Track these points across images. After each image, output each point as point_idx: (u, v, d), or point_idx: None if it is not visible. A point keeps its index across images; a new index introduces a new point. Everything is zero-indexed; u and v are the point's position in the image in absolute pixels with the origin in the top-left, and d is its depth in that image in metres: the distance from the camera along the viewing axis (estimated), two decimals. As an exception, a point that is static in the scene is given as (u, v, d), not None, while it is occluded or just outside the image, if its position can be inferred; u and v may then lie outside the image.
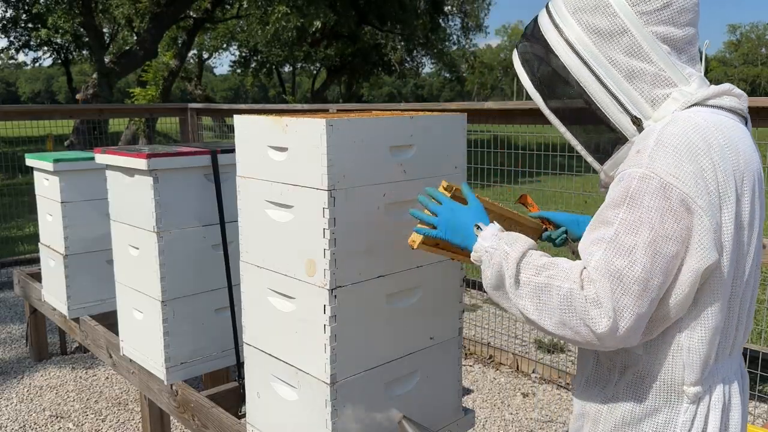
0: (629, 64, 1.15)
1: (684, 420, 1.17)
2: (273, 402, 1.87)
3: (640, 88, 1.16)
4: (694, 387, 1.15)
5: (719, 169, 1.08)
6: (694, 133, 1.09)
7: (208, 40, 24.59)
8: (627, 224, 1.08)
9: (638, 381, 1.20)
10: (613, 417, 1.23)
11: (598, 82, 1.17)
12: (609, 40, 1.16)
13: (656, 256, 1.06)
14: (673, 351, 1.16)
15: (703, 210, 1.06)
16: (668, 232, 1.06)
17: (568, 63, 1.18)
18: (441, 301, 1.94)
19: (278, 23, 15.27)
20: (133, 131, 14.47)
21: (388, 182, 1.72)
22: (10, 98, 74.31)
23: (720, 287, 1.11)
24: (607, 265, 1.08)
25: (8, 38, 21.87)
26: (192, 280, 2.52)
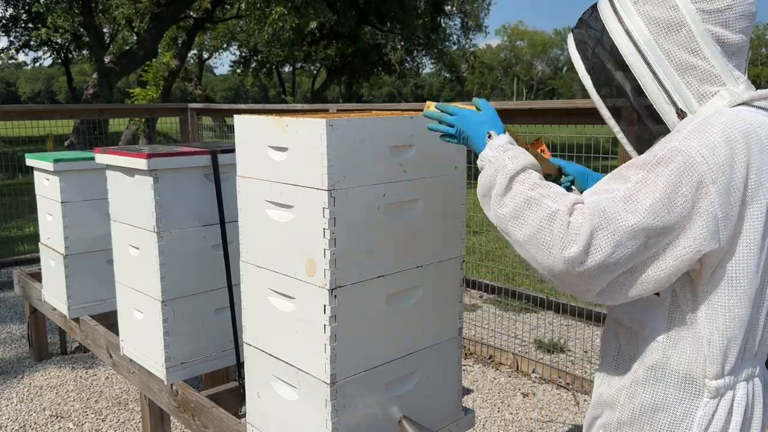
0: (682, 57, 1.17)
1: (702, 414, 1.16)
2: (273, 402, 1.87)
3: (689, 83, 1.17)
4: (716, 380, 1.15)
5: (754, 165, 1.09)
6: (734, 126, 1.10)
7: (208, 40, 24.59)
8: (641, 184, 1.10)
9: (659, 371, 1.20)
10: (632, 405, 1.23)
11: (650, 72, 1.18)
12: (666, 32, 1.17)
13: (652, 221, 1.08)
14: (695, 342, 1.16)
15: (716, 196, 1.07)
16: (674, 206, 1.08)
17: (624, 50, 1.20)
18: (441, 301, 1.94)
19: (275, 24, 15.27)
20: (133, 131, 14.47)
21: (388, 182, 1.72)
22: (10, 98, 74.27)
23: (743, 281, 1.12)
24: (604, 206, 1.10)
25: (8, 38, 21.87)
26: (192, 280, 2.53)
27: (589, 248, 1.08)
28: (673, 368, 1.18)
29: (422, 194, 1.81)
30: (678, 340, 1.17)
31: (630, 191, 1.10)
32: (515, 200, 1.18)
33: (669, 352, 1.18)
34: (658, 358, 1.20)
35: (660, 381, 1.20)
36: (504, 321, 4.29)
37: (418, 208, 1.82)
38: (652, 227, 1.08)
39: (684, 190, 1.07)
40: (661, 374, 1.19)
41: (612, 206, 1.10)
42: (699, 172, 1.07)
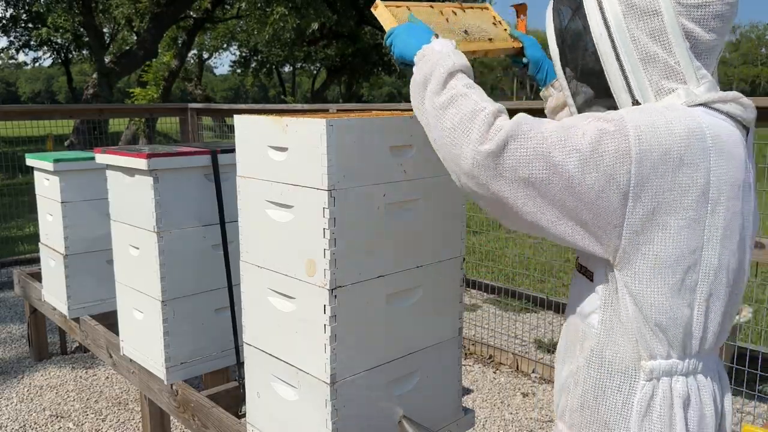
0: (649, 47, 1.15)
1: (640, 399, 1.17)
2: (273, 402, 1.87)
3: (650, 75, 1.16)
4: (649, 362, 1.15)
5: (687, 161, 1.07)
6: (681, 121, 1.09)
7: (208, 40, 24.59)
8: (573, 128, 1.11)
9: (596, 356, 1.21)
10: (578, 391, 1.24)
11: (614, 56, 1.17)
12: (639, 17, 1.15)
13: (565, 159, 1.09)
14: (627, 327, 1.16)
15: (634, 176, 1.06)
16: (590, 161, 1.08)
17: (594, 28, 1.19)
18: (441, 301, 1.94)
19: (276, 24, 15.28)
20: (133, 131, 14.48)
21: (388, 182, 1.72)
22: (10, 98, 74.26)
23: (664, 272, 1.10)
24: (531, 124, 1.12)
25: (8, 38, 21.87)
26: (192, 280, 2.53)
27: (503, 150, 1.11)
28: (609, 352, 1.19)
29: (422, 194, 1.81)
30: (612, 326, 1.18)
31: (560, 127, 1.12)
32: (451, 92, 1.21)
33: (603, 337, 1.19)
34: (595, 343, 1.20)
35: (599, 366, 1.20)
36: (504, 321, 4.29)
37: (418, 208, 1.81)
38: (563, 166, 1.09)
39: (606, 154, 1.07)
40: (598, 359, 1.20)
41: (538, 127, 1.12)
42: (627, 145, 1.06)
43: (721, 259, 1.12)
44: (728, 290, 1.15)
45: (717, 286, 1.13)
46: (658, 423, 1.15)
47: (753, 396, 3.20)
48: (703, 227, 1.09)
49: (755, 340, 4.02)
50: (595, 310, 1.20)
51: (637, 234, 1.09)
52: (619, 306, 1.16)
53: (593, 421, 1.22)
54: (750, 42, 76.57)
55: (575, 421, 1.26)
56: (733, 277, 1.15)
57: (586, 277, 1.23)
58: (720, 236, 1.11)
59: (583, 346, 1.23)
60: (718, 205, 1.10)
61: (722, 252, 1.12)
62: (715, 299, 1.14)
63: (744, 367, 3.06)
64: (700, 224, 1.09)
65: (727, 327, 1.19)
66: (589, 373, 1.22)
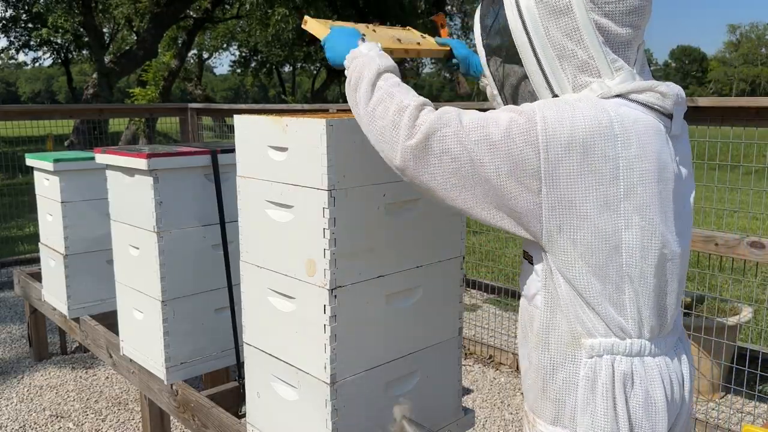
0: (563, 43, 1.19)
1: (584, 375, 1.21)
2: (273, 402, 1.87)
3: (566, 69, 1.20)
4: (590, 339, 1.20)
5: (592, 149, 1.12)
6: (587, 110, 1.14)
7: (208, 40, 24.59)
8: (490, 118, 1.18)
9: (543, 336, 1.25)
10: (532, 371, 1.29)
11: (532, 52, 1.22)
12: (552, 15, 1.19)
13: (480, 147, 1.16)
14: (567, 307, 1.21)
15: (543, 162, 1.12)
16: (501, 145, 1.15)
17: (512, 27, 1.23)
18: (441, 301, 1.94)
19: (278, 25, 15.29)
20: (133, 131, 14.48)
21: (388, 182, 1.72)
22: (10, 98, 74.27)
23: (587, 253, 1.15)
24: (452, 115, 1.19)
25: (8, 38, 21.87)
26: (192, 280, 2.53)
27: (426, 143, 1.19)
28: (553, 331, 1.24)
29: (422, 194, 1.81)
30: (553, 306, 1.23)
31: (480, 117, 1.19)
32: (378, 93, 1.29)
33: (547, 316, 1.24)
34: (540, 323, 1.26)
35: (546, 345, 1.25)
36: (504, 321, 4.30)
37: (418, 208, 1.82)
38: (478, 153, 1.16)
39: (515, 142, 1.14)
40: (545, 338, 1.25)
41: (458, 118, 1.19)
42: (534, 135, 1.13)
43: (644, 242, 1.15)
44: (659, 273, 1.18)
45: (645, 268, 1.17)
46: (602, 400, 1.19)
47: (753, 396, 3.21)
48: (618, 212, 1.13)
49: (755, 340, 4.02)
50: (538, 291, 1.25)
51: (554, 219, 1.15)
52: (555, 286, 1.21)
53: (546, 397, 1.27)
54: (750, 42, 76.57)
55: (532, 399, 1.31)
56: (661, 260, 1.17)
57: (528, 261, 1.28)
58: (639, 222, 1.14)
59: (532, 327, 1.29)
60: (632, 191, 1.13)
61: (643, 235, 1.15)
62: (643, 281, 1.17)
63: (744, 367, 3.06)
64: (613, 209, 1.13)
65: (669, 312, 1.22)
66: (539, 353, 1.27)
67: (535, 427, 1.30)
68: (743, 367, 3.06)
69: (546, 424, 1.27)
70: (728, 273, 4.21)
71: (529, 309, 1.30)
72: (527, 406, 1.34)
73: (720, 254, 2.78)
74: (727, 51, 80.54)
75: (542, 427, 1.28)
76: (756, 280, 3.58)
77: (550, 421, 1.26)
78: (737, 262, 3.15)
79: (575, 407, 1.22)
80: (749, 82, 66.15)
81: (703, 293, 3.95)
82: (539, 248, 1.22)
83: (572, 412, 1.23)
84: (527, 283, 1.30)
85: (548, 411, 1.27)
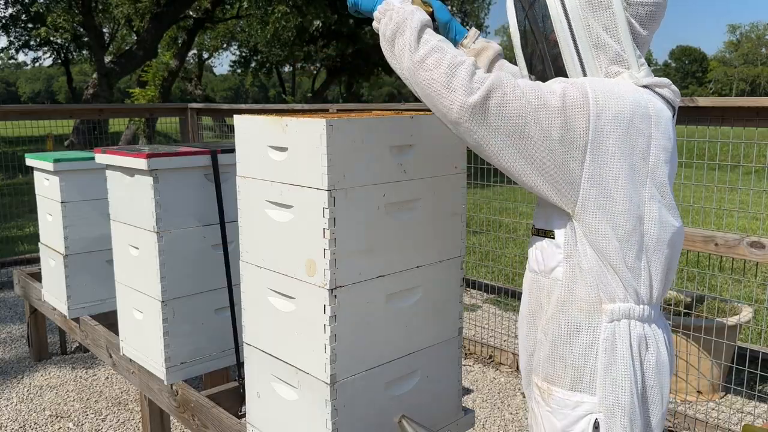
0: (600, 35, 1.31)
1: (605, 338, 1.30)
2: (273, 402, 1.87)
3: (600, 59, 1.32)
4: (610, 304, 1.30)
5: (635, 126, 1.25)
6: (629, 93, 1.27)
7: (208, 40, 24.59)
8: (544, 86, 1.27)
9: (563, 304, 1.33)
10: (549, 341, 1.36)
11: (572, 41, 1.32)
12: (594, 9, 1.31)
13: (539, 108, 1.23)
14: (589, 275, 1.30)
15: (593, 132, 1.22)
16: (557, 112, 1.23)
17: (554, 15, 1.33)
18: (441, 301, 1.94)
19: (278, 23, 15.29)
20: (133, 131, 14.48)
21: (388, 182, 1.72)
22: (10, 98, 74.27)
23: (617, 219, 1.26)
24: (508, 78, 1.25)
25: (8, 38, 21.88)
26: (192, 280, 2.53)
27: (486, 101, 1.23)
28: (574, 300, 1.32)
29: (422, 194, 1.81)
30: (574, 275, 1.32)
31: (534, 84, 1.27)
32: (427, 45, 1.31)
33: (568, 286, 1.33)
34: (560, 293, 1.34)
35: (566, 313, 1.33)
36: (504, 321, 4.29)
37: (418, 208, 1.82)
38: (537, 115, 1.23)
39: (571, 107, 1.22)
40: (566, 307, 1.33)
41: (515, 82, 1.26)
42: (587, 102, 1.23)
43: (661, 215, 1.29)
44: (671, 244, 1.31)
45: (660, 239, 1.29)
46: (621, 362, 1.29)
47: (753, 396, 3.21)
48: (645, 185, 1.27)
49: (755, 340, 4.02)
50: (559, 263, 1.34)
51: (593, 188, 1.25)
52: (580, 255, 1.30)
53: (565, 365, 1.34)
54: (750, 42, 76.56)
55: (548, 370, 1.37)
56: (674, 233, 1.31)
57: (546, 236, 1.37)
58: (659, 196, 1.28)
59: (549, 299, 1.36)
60: (656, 168, 1.28)
61: (660, 209, 1.29)
62: (658, 251, 1.30)
63: (744, 367, 3.06)
64: (641, 182, 1.26)
65: (669, 280, 1.35)
66: (558, 322, 1.34)
67: (552, 395, 1.36)
68: (743, 367, 3.06)
69: (564, 390, 1.34)
70: (728, 273, 4.20)
71: (546, 283, 1.37)
72: (539, 379, 1.39)
73: (720, 254, 2.78)
74: (727, 51, 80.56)
75: (560, 395, 1.34)
76: (756, 280, 3.58)
77: (569, 386, 1.33)
78: (737, 262, 3.15)
79: (594, 371, 1.30)
80: (749, 82, 66.14)
81: (703, 293, 3.95)
82: (564, 220, 1.32)
83: (591, 375, 1.31)
84: (545, 258, 1.37)
85: (567, 377, 1.33)
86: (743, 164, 2.86)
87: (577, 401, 1.32)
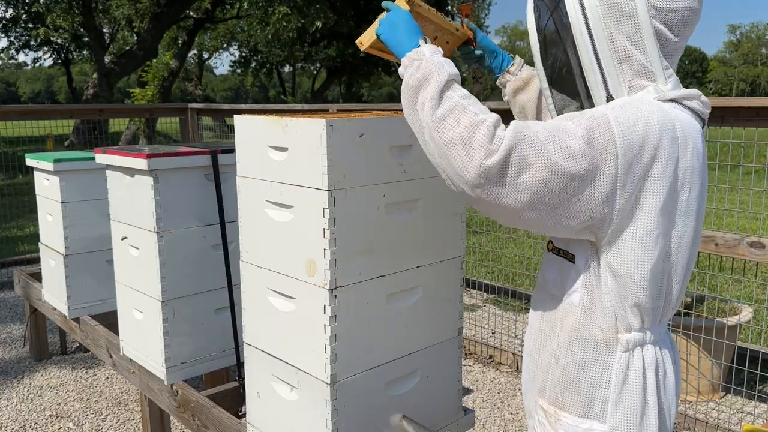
0: (624, 46, 1.22)
1: (618, 368, 1.26)
2: (273, 402, 1.87)
3: (624, 72, 1.23)
4: (626, 334, 1.25)
5: (662, 152, 1.17)
6: (654, 114, 1.18)
7: (208, 40, 24.59)
8: (562, 129, 1.17)
9: (577, 332, 1.29)
10: (559, 367, 1.32)
11: (593, 53, 1.24)
12: (616, 18, 1.22)
13: (562, 160, 1.14)
14: (607, 304, 1.24)
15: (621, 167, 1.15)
16: (583, 158, 1.14)
17: (574, 25, 1.25)
18: (441, 301, 1.94)
19: (278, 24, 15.29)
20: (133, 131, 14.48)
21: (388, 182, 1.72)
22: (10, 98, 74.27)
23: (642, 251, 1.20)
24: (527, 132, 1.15)
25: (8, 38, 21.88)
26: (192, 280, 2.53)
27: (507, 161, 1.14)
28: (589, 328, 1.27)
29: (422, 194, 1.81)
30: (592, 303, 1.27)
31: (552, 129, 1.17)
32: (449, 102, 1.22)
33: (585, 313, 1.27)
34: (575, 320, 1.29)
35: (580, 340, 1.29)
36: (504, 321, 4.29)
37: (418, 208, 1.82)
38: (561, 166, 1.14)
39: (596, 149, 1.14)
40: (580, 334, 1.29)
41: (533, 134, 1.16)
42: (613, 139, 1.14)
43: (682, 238, 1.23)
44: (685, 265, 1.26)
45: (677, 261, 1.24)
46: (633, 389, 1.25)
47: (753, 396, 3.20)
48: (674, 209, 1.20)
49: (755, 340, 4.02)
50: (576, 289, 1.28)
51: (622, 220, 1.18)
52: (600, 285, 1.25)
53: (575, 392, 1.30)
54: (750, 42, 76.54)
55: (557, 394, 1.33)
56: (688, 253, 1.25)
57: (566, 258, 1.31)
58: (683, 218, 1.22)
59: (563, 323, 1.31)
60: (683, 190, 1.20)
61: (683, 231, 1.23)
62: (675, 274, 1.25)
63: (744, 367, 3.06)
64: (671, 207, 1.20)
65: (680, 299, 1.30)
66: (571, 348, 1.30)
67: (560, 420, 1.32)
68: (743, 367, 3.06)
69: (575, 417, 1.30)
70: (728, 273, 4.21)
71: (562, 306, 1.31)
72: (546, 402, 1.36)
73: (720, 254, 2.78)
74: (727, 51, 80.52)
75: (570, 421, 1.31)
76: (756, 280, 3.58)
77: (580, 414, 1.30)
78: (737, 262, 3.15)
79: (606, 399, 1.27)
80: (749, 82, 66.12)
81: (703, 293, 3.95)
82: (586, 248, 1.25)
83: (603, 403, 1.27)
84: (563, 280, 1.31)
85: (577, 404, 1.30)
86: (743, 164, 2.86)
87: (587, 429, 1.29)
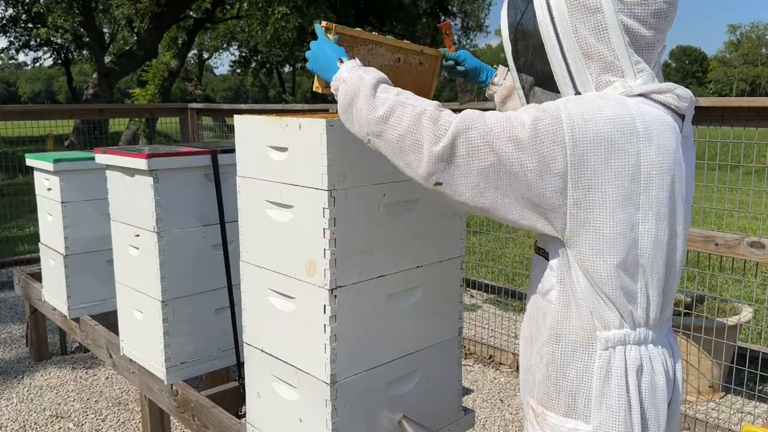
0: (590, 42, 1.21)
1: (599, 365, 1.25)
2: (273, 402, 1.87)
3: (590, 68, 1.23)
4: (605, 332, 1.24)
5: (618, 147, 1.15)
6: (611, 109, 1.17)
7: (208, 40, 24.60)
8: (514, 117, 1.19)
9: (557, 330, 1.29)
10: (543, 365, 1.32)
11: (559, 50, 1.24)
12: (582, 13, 1.21)
13: (508, 147, 1.16)
14: (583, 301, 1.24)
15: (570, 161, 1.14)
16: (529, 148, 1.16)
17: (541, 21, 1.25)
18: (441, 301, 1.94)
19: (278, 24, 15.30)
20: (133, 131, 14.48)
21: (388, 182, 1.72)
22: (10, 98, 74.29)
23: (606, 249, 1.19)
24: (474, 117, 1.19)
25: (8, 38, 21.88)
26: (192, 280, 2.53)
27: (454, 146, 1.17)
28: (568, 326, 1.27)
29: (422, 194, 1.81)
30: (568, 301, 1.26)
31: (503, 117, 1.19)
32: (385, 104, 1.25)
33: (562, 311, 1.27)
34: (554, 318, 1.29)
35: (559, 339, 1.29)
36: (504, 321, 4.29)
37: (418, 208, 1.82)
38: (507, 153, 1.16)
39: (542, 139, 1.15)
40: (559, 332, 1.28)
41: (482, 120, 1.18)
42: (561, 132, 1.15)
43: (657, 236, 1.20)
44: (668, 263, 1.24)
45: (655, 260, 1.21)
46: (616, 389, 1.24)
47: (753, 396, 3.20)
48: (637, 205, 1.18)
49: (755, 340, 4.02)
50: (553, 286, 1.28)
51: (579, 214, 1.18)
52: (573, 281, 1.24)
53: (558, 390, 1.30)
54: (750, 42, 76.53)
55: (543, 393, 1.33)
56: (670, 251, 1.23)
57: (543, 257, 1.31)
58: (654, 214, 1.19)
59: (544, 322, 1.31)
60: (650, 186, 1.18)
61: (658, 229, 1.20)
62: (653, 272, 1.22)
63: (744, 367, 3.06)
64: (633, 202, 1.17)
65: (669, 300, 1.29)
66: (551, 347, 1.30)
67: (546, 420, 1.32)
68: (743, 367, 3.06)
69: (559, 416, 1.30)
70: (728, 273, 4.20)
71: (541, 304, 1.32)
72: (534, 401, 1.36)
73: (720, 254, 2.78)
74: (727, 51, 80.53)
75: (554, 420, 1.31)
76: (756, 280, 3.58)
77: (563, 413, 1.29)
78: (737, 262, 3.15)
79: (589, 398, 1.26)
80: (749, 82, 66.13)
81: (703, 293, 3.95)
82: (556, 244, 1.25)
83: (586, 402, 1.27)
84: (542, 279, 1.31)
85: (561, 403, 1.29)
86: (743, 164, 2.86)
87: (571, 428, 1.28)
